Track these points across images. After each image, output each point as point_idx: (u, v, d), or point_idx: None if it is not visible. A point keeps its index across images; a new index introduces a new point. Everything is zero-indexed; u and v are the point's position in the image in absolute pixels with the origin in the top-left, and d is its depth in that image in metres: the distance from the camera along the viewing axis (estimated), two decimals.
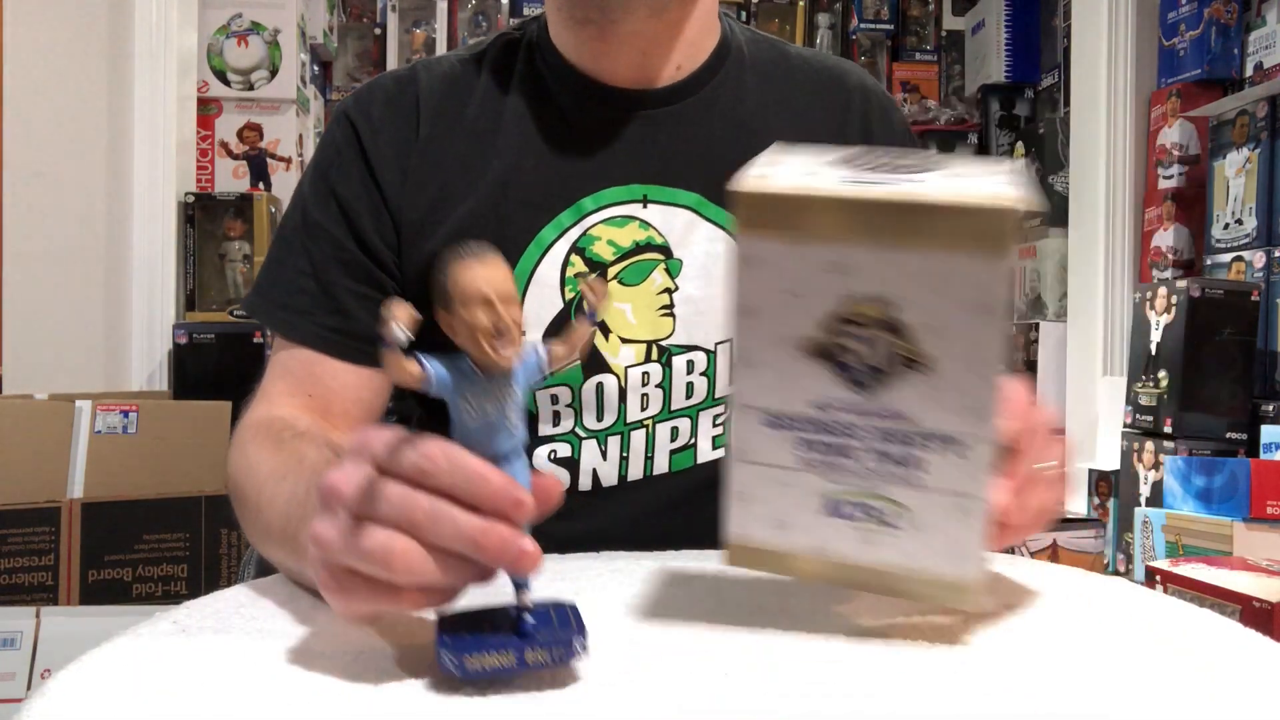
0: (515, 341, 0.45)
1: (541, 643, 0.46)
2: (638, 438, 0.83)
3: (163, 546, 1.74)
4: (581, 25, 0.82)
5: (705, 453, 0.84)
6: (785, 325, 0.50)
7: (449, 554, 0.44)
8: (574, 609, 0.49)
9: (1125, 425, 2.15)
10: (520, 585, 0.47)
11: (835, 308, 0.49)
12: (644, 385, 0.82)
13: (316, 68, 3.04)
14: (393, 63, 3.23)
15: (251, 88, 2.56)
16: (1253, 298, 1.95)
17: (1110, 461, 2.28)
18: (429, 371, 0.45)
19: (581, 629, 0.47)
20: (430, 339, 0.45)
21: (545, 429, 0.82)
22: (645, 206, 0.83)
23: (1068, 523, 2.18)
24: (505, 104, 0.85)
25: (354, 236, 0.83)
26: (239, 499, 0.73)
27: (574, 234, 0.82)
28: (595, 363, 0.82)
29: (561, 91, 0.85)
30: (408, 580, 0.44)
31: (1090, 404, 2.51)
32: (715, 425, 0.84)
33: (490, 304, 0.44)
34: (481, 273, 0.44)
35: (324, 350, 0.82)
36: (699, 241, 0.83)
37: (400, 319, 0.43)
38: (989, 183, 0.47)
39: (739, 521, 0.55)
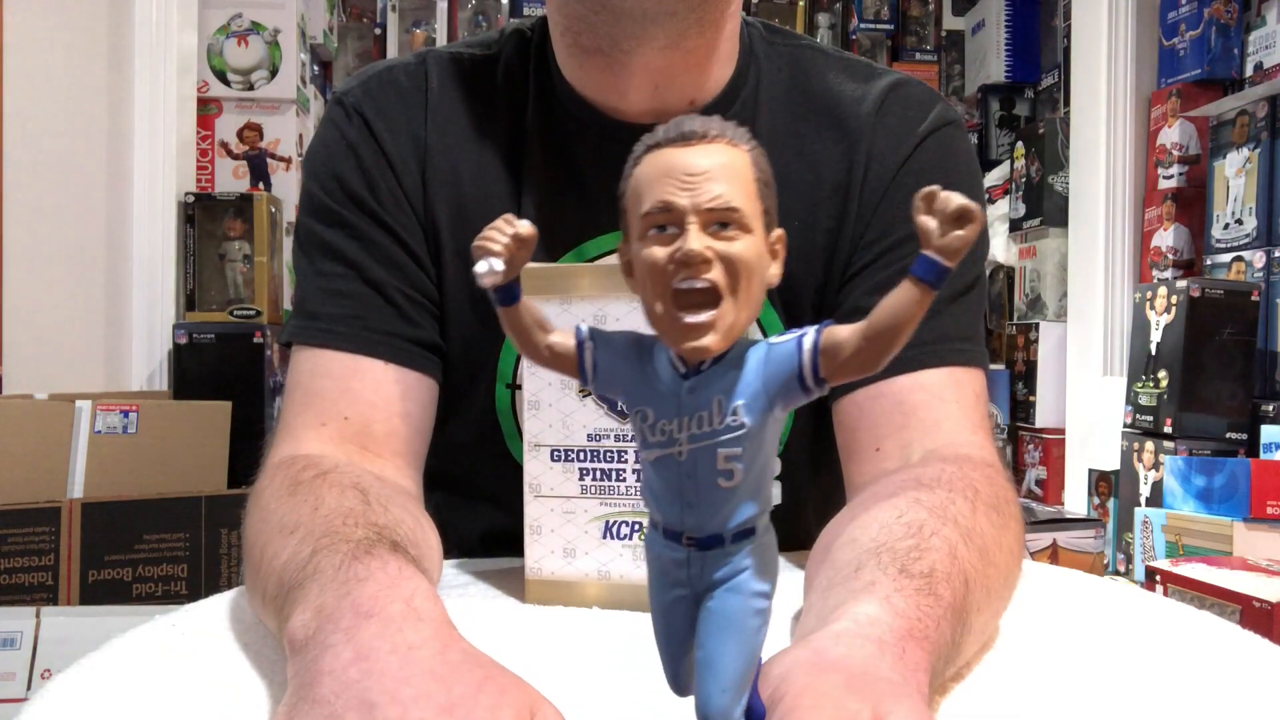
0: (719, 306, 0.25)
1: None
2: None
3: (163, 546, 1.74)
4: (588, 54, 0.74)
5: None
6: None
7: None
8: None
9: (1125, 425, 2.15)
10: None
11: None
12: None
13: (316, 68, 3.04)
14: None
15: (251, 88, 2.56)
16: (1253, 298, 1.95)
17: (1110, 461, 2.28)
18: (585, 351, 0.27)
19: None
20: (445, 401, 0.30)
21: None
22: None
23: (1068, 522, 2.18)
24: (518, 128, 0.78)
25: (390, 234, 0.75)
26: (244, 559, 0.61)
27: None
28: None
29: (568, 120, 0.78)
30: None
31: (1090, 404, 2.51)
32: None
33: (675, 213, 0.24)
34: (674, 160, 0.25)
35: (367, 352, 0.72)
36: None
37: (496, 240, 0.25)
38: None
39: (535, 555, 0.64)
